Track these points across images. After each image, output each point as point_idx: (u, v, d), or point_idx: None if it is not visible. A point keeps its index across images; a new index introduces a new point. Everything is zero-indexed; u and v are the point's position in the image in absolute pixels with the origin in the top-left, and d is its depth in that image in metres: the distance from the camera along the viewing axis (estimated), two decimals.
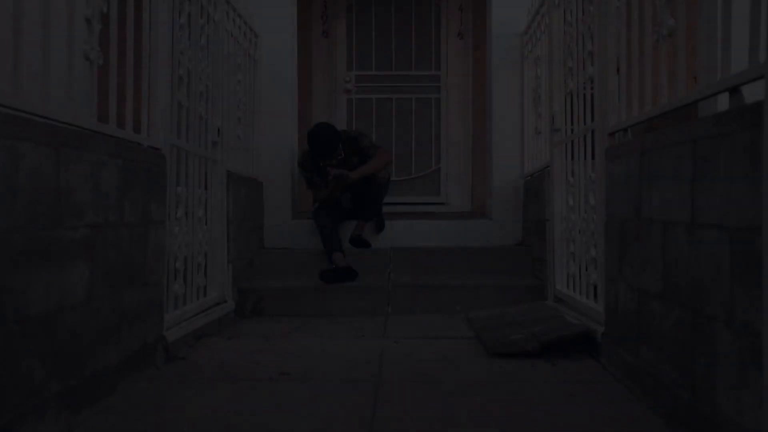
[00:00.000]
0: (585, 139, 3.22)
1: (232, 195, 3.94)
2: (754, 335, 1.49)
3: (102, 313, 2.22)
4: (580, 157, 3.29)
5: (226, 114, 3.96)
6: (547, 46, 3.92)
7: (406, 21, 6.70)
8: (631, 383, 2.36)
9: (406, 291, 4.09)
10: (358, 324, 3.69)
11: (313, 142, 4.37)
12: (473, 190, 6.67)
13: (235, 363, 2.80)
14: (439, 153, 6.73)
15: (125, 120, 2.50)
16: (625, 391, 2.35)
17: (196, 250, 3.37)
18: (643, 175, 2.25)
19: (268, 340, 3.29)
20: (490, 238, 4.87)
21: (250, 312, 4.00)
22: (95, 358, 2.18)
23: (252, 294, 4.07)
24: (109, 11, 2.33)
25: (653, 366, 2.15)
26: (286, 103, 4.95)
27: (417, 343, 3.19)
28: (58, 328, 1.93)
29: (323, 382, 2.50)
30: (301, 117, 5.58)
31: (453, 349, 3.04)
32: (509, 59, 4.96)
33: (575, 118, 3.38)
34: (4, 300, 1.67)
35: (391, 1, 6.70)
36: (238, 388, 2.43)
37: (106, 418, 2.08)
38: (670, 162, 2.01)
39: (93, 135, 2.14)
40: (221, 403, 2.25)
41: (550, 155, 3.83)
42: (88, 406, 2.13)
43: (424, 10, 6.69)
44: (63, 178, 1.94)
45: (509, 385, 2.45)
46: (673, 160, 1.97)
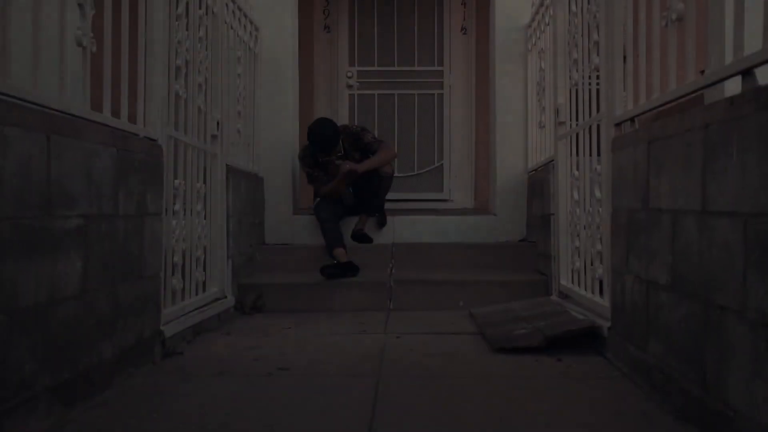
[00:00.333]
0: (590, 131, 3.16)
1: (232, 189, 3.89)
2: None
3: (96, 306, 2.16)
4: (586, 149, 3.23)
5: (226, 107, 3.91)
6: (552, 38, 3.86)
7: (408, 16, 6.64)
8: (639, 378, 2.30)
9: (408, 286, 4.04)
10: (359, 320, 3.64)
11: (313, 138, 4.32)
12: (477, 186, 6.61)
13: (233, 358, 2.75)
14: (442, 149, 6.67)
15: (120, 109, 2.44)
16: (632, 386, 2.29)
17: (194, 244, 3.32)
18: (651, 165, 2.19)
19: (268, 335, 3.24)
20: (494, 234, 4.81)
21: (250, 308, 3.95)
22: (89, 352, 2.12)
23: (252, 290, 4.02)
24: None
25: (662, 360, 2.09)
26: (287, 98, 4.90)
27: (419, 338, 3.13)
28: (50, 321, 1.88)
29: (323, 377, 2.45)
30: (303, 112, 5.53)
31: (456, 345, 2.98)
32: (513, 53, 4.89)
33: (580, 110, 3.32)
34: None
35: None
36: (235, 383, 2.38)
37: (99, 413, 2.03)
38: (679, 149, 1.95)
39: (86, 123, 2.08)
40: (217, 398, 2.19)
41: (555, 149, 3.77)
42: (82, 400, 2.08)
43: (426, 5, 6.63)
44: (54, 166, 1.89)
45: (513, 380, 2.40)
46: (683, 147, 1.91)
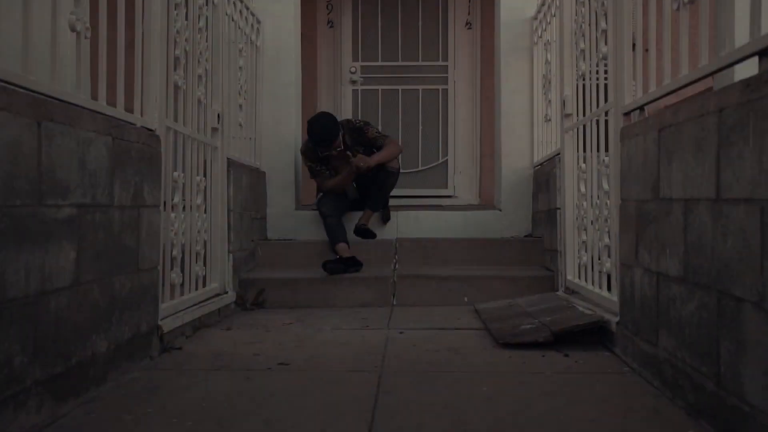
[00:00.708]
0: (598, 122, 3.09)
1: (233, 183, 3.83)
2: None
3: (90, 299, 2.11)
4: (593, 141, 3.16)
5: (227, 100, 3.85)
6: (558, 29, 3.79)
7: (412, 11, 6.57)
8: (649, 373, 2.23)
9: (411, 282, 3.97)
10: (362, 315, 3.58)
11: (312, 131, 4.28)
12: (481, 183, 6.55)
13: (232, 353, 2.69)
14: (447, 145, 6.60)
15: (116, 98, 2.39)
16: (642, 381, 2.23)
17: (194, 238, 3.26)
18: (662, 153, 2.12)
19: (269, 331, 3.18)
20: (499, 230, 4.74)
21: (251, 303, 3.89)
22: (83, 345, 2.06)
23: (253, 285, 3.96)
24: None
25: (673, 354, 2.02)
26: (290, 92, 4.84)
27: (423, 333, 3.07)
28: (41, 312, 1.82)
29: (324, 372, 2.39)
30: (306, 108, 5.46)
31: (460, 340, 2.91)
32: (518, 46, 4.82)
33: (587, 102, 3.25)
34: None
35: None
36: (233, 378, 2.32)
37: (93, 408, 1.97)
38: (691, 136, 1.88)
39: (79, 111, 2.02)
40: (214, 393, 2.13)
41: (561, 141, 3.70)
42: (75, 395, 2.02)
43: (431, 0, 6.56)
44: (46, 153, 1.83)
45: (519, 376, 2.33)
46: (696, 133, 1.84)
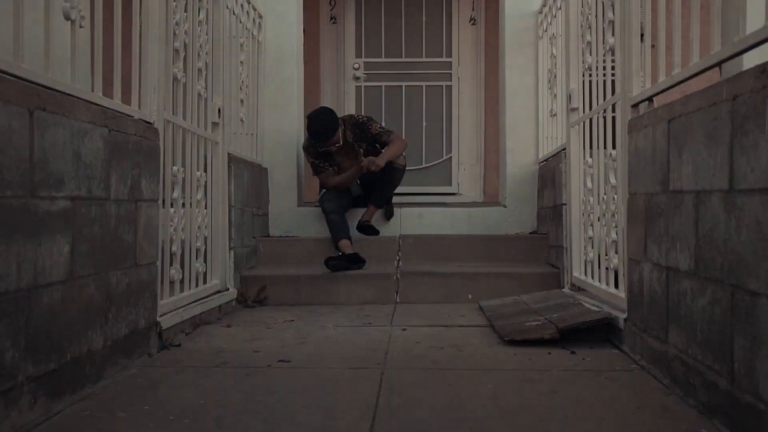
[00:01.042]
0: (605, 115, 3.03)
1: (234, 179, 3.78)
2: None
3: (86, 294, 2.06)
4: (599, 135, 3.10)
5: (228, 95, 3.80)
6: (564, 22, 3.73)
7: (416, 6, 6.51)
8: (658, 371, 2.17)
9: (415, 279, 3.92)
10: (364, 313, 3.52)
11: (310, 125, 4.25)
12: (486, 180, 6.49)
13: (232, 350, 2.64)
14: (451, 142, 6.54)
15: (113, 89, 2.34)
16: (651, 379, 2.17)
17: (194, 234, 3.22)
18: (672, 144, 2.06)
19: (269, 328, 3.13)
20: (503, 226, 4.68)
21: (252, 300, 3.84)
22: (78, 341, 2.02)
23: (255, 282, 3.91)
24: None
25: (683, 351, 1.96)
26: (292, 87, 4.78)
27: (426, 330, 3.02)
28: (33, 307, 1.77)
29: (325, 370, 2.34)
30: (309, 104, 5.40)
31: (464, 337, 2.86)
32: (523, 41, 4.76)
33: (593, 95, 3.19)
34: None
35: None
36: (232, 375, 2.27)
37: (88, 405, 1.92)
38: (703, 125, 1.82)
39: (74, 101, 1.97)
40: (213, 390, 2.08)
41: (567, 136, 3.64)
42: (71, 392, 1.97)
43: None
44: (38, 143, 1.78)
45: (525, 373, 2.27)
46: (708, 122, 1.79)
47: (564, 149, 3.73)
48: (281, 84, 4.74)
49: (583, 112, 3.42)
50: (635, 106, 2.54)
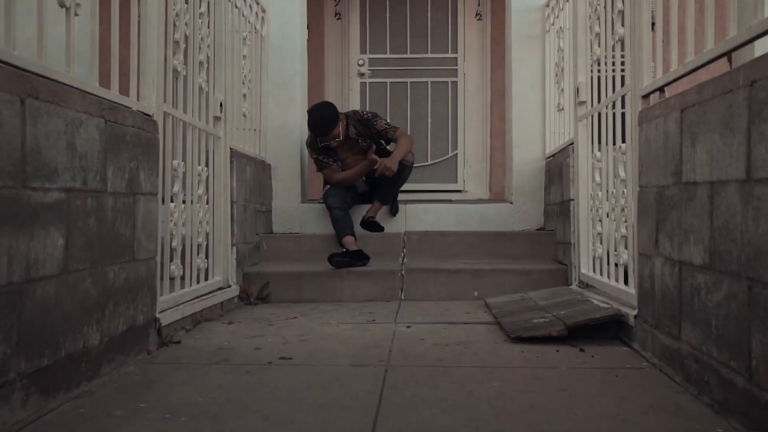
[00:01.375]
0: (614, 108, 2.97)
1: (236, 174, 3.72)
2: None
3: (81, 288, 2.00)
4: (608, 128, 3.03)
5: (230, 89, 3.75)
6: (572, 13, 3.66)
7: (421, 2, 6.45)
8: (671, 368, 2.10)
9: (420, 276, 3.86)
10: (368, 310, 3.47)
11: (309, 119, 4.22)
12: (491, 177, 6.42)
13: (232, 347, 2.59)
14: (456, 139, 6.48)
15: (110, 80, 2.28)
16: (663, 377, 2.10)
17: (195, 230, 3.17)
18: (685, 134, 2.00)
19: (271, 325, 3.07)
20: (510, 223, 4.61)
21: (255, 298, 3.79)
22: (73, 337, 1.96)
23: (258, 279, 3.86)
24: None
25: (698, 348, 1.90)
26: (295, 83, 4.72)
27: (431, 328, 2.95)
28: (26, 301, 1.72)
29: (327, 367, 2.28)
30: (313, 101, 5.33)
31: (470, 334, 2.80)
32: (529, 35, 4.69)
33: (602, 89, 3.13)
34: None
35: None
36: (232, 372, 2.21)
37: (83, 403, 1.87)
38: (718, 113, 1.75)
39: (68, 89, 1.92)
40: (211, 388, 2.03)
41: (574, 130, 3.57)
42: (65, 389, 1.92)
43: None
44: (30, 132, 1.72)
45: (532, 371, 2.21)
46: (724, 110, 1.72)
47: (571, 144, 3.66)
48: (285, 79, 4.69)
49: (591, 105, 3.35)
50: (646, 97, 2.48)
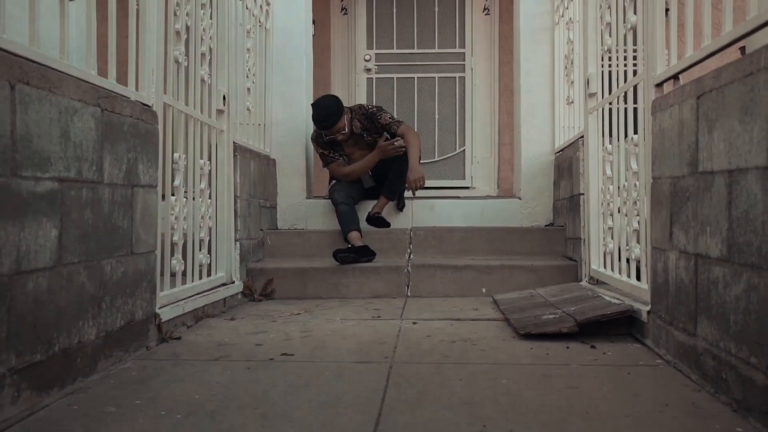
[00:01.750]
0: (625, 99, 2.89)
1: (240, 169, 3.66)
2: None
3: (76, 282, 1.95)
4: (619, 120, 2.95)
5: (234, 82, 3.68)
6: (582, 4, 3.57)
7: None
8: (686, 366, 2.03)
9: (427, 272, 3.78)
10: (374, 306, 3.40)
11: (313, 112, 4.17)
12: (500, 173, 6.35)
13: (234, 344, 2.52)
14: (464, 135, 6.41)
15: (107, 68, 2.23)
16: (678, 374, 2.02)
17: (197, 224, 3.11)
18: (701, 122, 1.92)
19: (274, 321, 3.01)
20: (518, 219, 4.54)
21: (259, 294, 3.73)
22: (68, 332, 1.91)
23: (261, 275, 3.80)
24: None
25: (715, 344, 1.82)
26: (301, 77, 4.66)
27: (437, 324, 2.88)
28: (16, 294, 1.66)
29: (330, 363, 2.21)
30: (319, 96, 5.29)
31: (477, 331, 2.73)
32: (538, 27, 4.61)
33: (613, 80, 3.05)
34: None
35: None
36: (232, 369, 2.15)
37: (77, 399, 1.81)
38: (738, 98, 1.67)
39: (61, 76, 1.86)
40: (211, 384, 1.96)
41: (584, 123, 3.49)
42: (60, 386, 1.86)
43: None
44: (21, 119, 1.67)
45: (542, 368, 2.14)
46: (743, 94, 1.64)
47: (581, 137, 3.58)
48: (290, 74, 4.62)
49: (602, 97, 3.27)
50: (659, 85, 2.40)
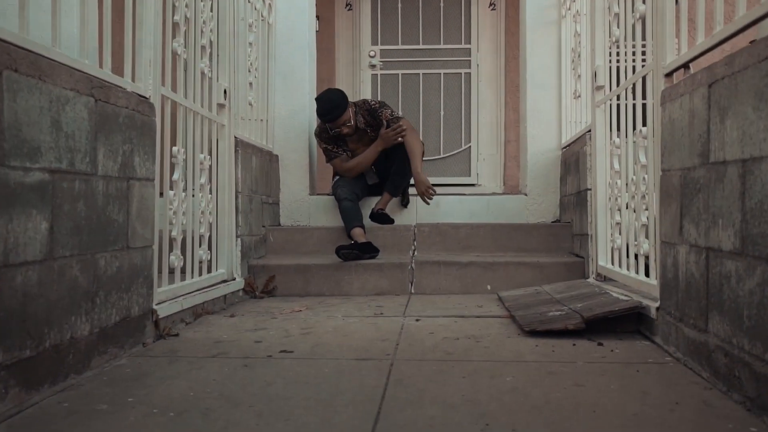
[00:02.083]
0: (633, 92, 2.82)
1: (241, 164, 3.61)
2: None
3: (68, 276, 1.90)
4: (627, 113, 2.89)
5: (235, 76, 3.64)
6: None
7: None
8: (697, 363, 1.96)
9: (431, 269, 3.72)
10: (376, 303, 3.34)
11: (318, 105, 4.12)
12: (506, 170, 6.28)
13: (231, 341, 2.47)
14: (470, 131, 6.34)
15: (103, 58, 2.18)
16: (689, 372, 1.96)
17: (197, 220, 3.06)
18: (713, 111, 1.85)
19: (275, 318, 2.96)
20: (524, 215, 4.47)
21: (261, 291, 3.68)
22: (59, 327, 1.85)
23: (263, 272, 3.74)
24: None
25: (727, 341, 1.75)
26: (304, 72, 4.60)
27: (441, 321, 2.82)
28: (3, 287, 1.61)
29: (329, 361, 2.15)
30: None
31: (482, 328, 2.66)
32: (545, 20, 4.53)
33: (621, 73, 2.98)
34: None
35: None
36: (229, 366, 2.09)
37: (67, 396, 1.76)
38: (752, 84, 1.61)
39: (52, 64, 1.81)
40: (205, 382, 1.91)
41: (592, 116, 3.42)
42: (50, 383, 1.81)
43: None
44: (8, 107, 1.62)
45: (547, 366, 2.07)
46: (758, 80, 1.57)
47: (589, 131, 3.51)
48: (293, 69, 4.56)
49: (610, 89, 3.20)
50: (669, 75, 2.33)
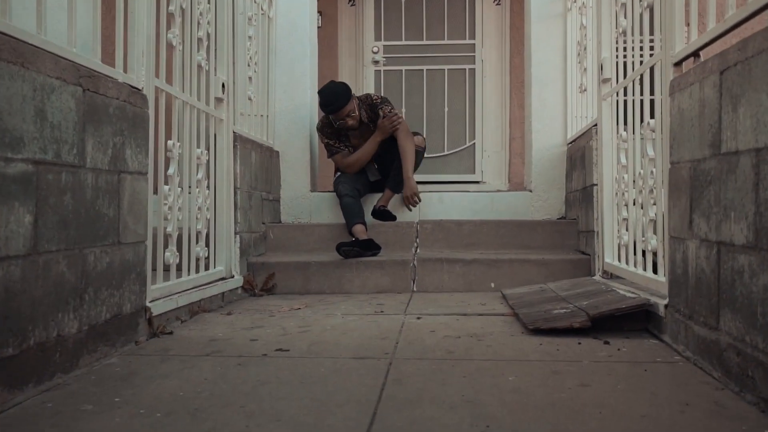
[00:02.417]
0: (641, 82, 2.74)
1: (240, 159, 3.55)
2: None
3: (55, 272, 1.83)
4: (635, 105, 2.81)
5: (234, 70, 3.57)
6: None
7: None
8: (708, 362, 1.88)
9: (433, 266, 3.65)
10: (377, 301, 3.27)
11: (320, 97, 4.07)
12: (511, 167, 6.20)
13: (227, 339, 2.41)
14: (474, 128, 6.27)
15: (93, 49, 2.11)
16: (699, 372, 1.88)
17: (194, 216, 2.99)
18: (725, 99, 1.77)
19: (273, 316, 2.89)
20: (529, 212, 4.39)
21: (260, 289, 3.61)
22: (45, 325, 1.79)
23: (263, 269, 3.68)
24: None
25: (740, 339, 1.67)
26: (305, 67, 4.53)
27: (443, 319, 2.75)
28: None
29: (326, 360, 2.08)
30: None
31: (484, 326, 2.59)
32: (550, 13, 4.46)
33: (627, 65, 2.90)
34: None
35: None
36: (222, 365, 2.03)
37: (52, 396, 1.70)
38: (767, 70, 1.53)
39: (36, 51, 1.74)
40: (197, 381, 1.84)
41: (598, 110, 3.34)
42: (35, 382, 1.75)
43: None
44: None
45: (552, 365, 2.00)
46: None
47: (595, 125, 3.43)
48: (294, 63, 4.50)
49: (617, 82, 3.12)
50: (678, 64, 2.25)
